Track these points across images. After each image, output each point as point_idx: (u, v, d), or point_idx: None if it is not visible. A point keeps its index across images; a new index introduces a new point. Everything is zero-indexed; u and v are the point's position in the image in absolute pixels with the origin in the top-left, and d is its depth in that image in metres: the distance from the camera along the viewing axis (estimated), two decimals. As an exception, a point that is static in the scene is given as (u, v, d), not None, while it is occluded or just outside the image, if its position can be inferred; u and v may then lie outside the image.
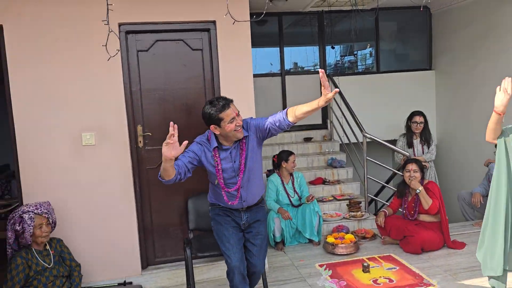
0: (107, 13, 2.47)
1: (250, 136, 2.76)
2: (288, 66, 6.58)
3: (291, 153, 4.66)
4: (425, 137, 5.27)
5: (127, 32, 3.81)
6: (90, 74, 3.63)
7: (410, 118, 5.29)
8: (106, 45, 2.56)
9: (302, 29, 6.77)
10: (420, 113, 5.25)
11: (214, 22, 3.85)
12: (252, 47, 3.97)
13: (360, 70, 6.99)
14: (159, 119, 3.97)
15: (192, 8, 3.80)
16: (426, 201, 4.22)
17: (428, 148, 5.26)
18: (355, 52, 7.13)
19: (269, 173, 5.01)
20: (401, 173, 4.58)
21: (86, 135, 3.70)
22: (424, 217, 4.32)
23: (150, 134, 3.93)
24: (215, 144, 2.72)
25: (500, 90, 2.37)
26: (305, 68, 6.78)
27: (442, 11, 6.33)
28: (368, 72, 6.81)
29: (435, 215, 4.29)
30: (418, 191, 4.24)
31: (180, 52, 3.96)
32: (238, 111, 2.68)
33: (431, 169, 5.29)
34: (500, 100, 2.37)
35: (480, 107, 5.45)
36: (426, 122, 5.25)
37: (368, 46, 6.89)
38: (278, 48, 6.45)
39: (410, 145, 5.25)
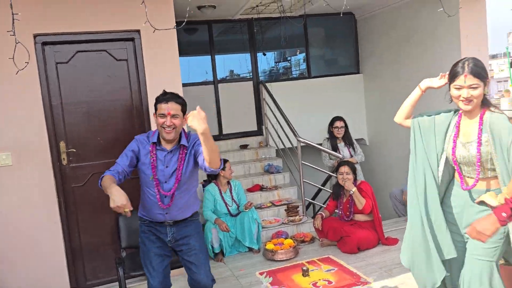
0: (13, 23, 2.28)
1: (190, 152, 2.65)
2: (220, 74, 6.54)
3: (225, 160, 4.61)
4: (348, 140, 5.46)
5: (44, 43, 3.59)
6: (1, 90, 3.36)
7: (332, 123, 5.46)
8: (13, 58, 2.36)
9: (233, 37, 6.78)
10: (340, 118, 5.45)
11: (138, 31, 3.73)
12: (184, 56, 3.88)
13: (295, 76, 7.11)
14: (84, 133, 3.76)
15: (114, 17, 3.65)
16: (360, 202, 4.34)
17: (354, 150, 5.44)
18: (289, 58, 7.25)
19: (206, 183, 4.92)
20: (335, 175, 4.68)
21: (1, 155, 3.41)
22: (359, 217, 4.44)
23: (74, 150, 3.71)
24: (154, 140, 2.64)
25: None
26: (238, 76, 6.78)
27: (366, 17, 6.61)
28: (300, 78, 6.95)
29: (369, 214, 4.42)
30: (351, 192, 4.36)
31: (104, 63, 3.79)
32: (176, 115, 2.54)
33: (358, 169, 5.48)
34: (431, 81, 2.41)
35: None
36: (346, 126, 5.45)
37: (298, 53, 7.03)
38: (210, 56, 6.39)
39: (335, 149, 5.38)
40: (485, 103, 2.25)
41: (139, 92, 3.83)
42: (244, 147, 6.18)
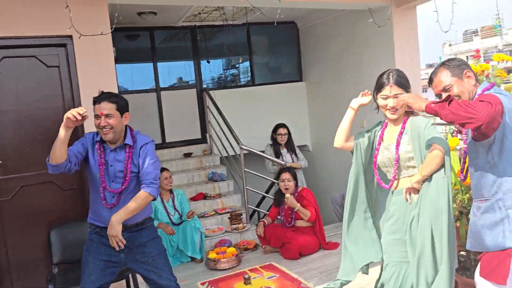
0: None
1: (138, 153, 2.61)
2: (164, 81, 6.43)
3: (162, 170, 4.52)
4: (291, 147, 5.55)
5: (-35, 48, 3.35)
6: None
7: (275, 130, 5.51)
8: None
9: (176, 44, 6.70)
10: (283, 125, 5.51)
11: (70, 36, 3.57)
12: (126, 63, 3.76)
13: (243, 83, 7.13)
14: (13, 143, 3.55)
15: (45, 22, 3.49)
16: (305, 214, 4.38)
17: (296, 156, 5.54)
18: (237, 66, 7.27)
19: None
20: (278, 182, 4.72)
21: None
22: (300, 223, 4.50)
23: (0, 162, 3.48)
24: (98, 139, 2.61)
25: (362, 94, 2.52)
26: (183, 83, 6.71)
27: (308, 26, 6.77)
28: (244, 85, 6.99)
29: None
30: (296, 209, 4.38)
31: (33, 70, 3.60)
32: (110, 114, 2.51)
33: (300, 175, 5.57)
34: (357, 102, 2.51)
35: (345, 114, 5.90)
36: (289, 133, 5.53)
37: (240, 61, 7.08)
38: (152, 64, 6.27)
39: (278, 155, 5.42)
40: (409, 111, 2.39)
41: (72, 99, 3.67)
42: (188, 155, 6.10)
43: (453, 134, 3.42)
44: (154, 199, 2.57)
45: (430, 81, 2.16)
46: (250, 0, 3.14)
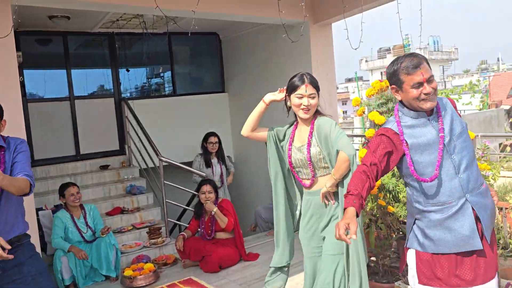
0: None
1: (12, 157, 2.35)
2: (79, 89, 6.08)
3: (68, 185, 4.25)
4: (221, 156, 5.53)
5: None
6: None
7: (206, 139, 5.47)
8: None
9: (93, 51, 6.40)
10: (214, 134, 5.49)
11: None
12: (37, 69, 3.47)
13: (166, 93, 6.96)
14: None
15: None
16: (222, 220, 4.36)
17: (226, 166, 5.52)
18: (162, 75, 7.10)
19: (56, 208, 4.47)
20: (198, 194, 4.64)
21: None
22: (221, 235, 4.46)
23: None
24: None
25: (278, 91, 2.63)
26: (98, 92, 6.40)
27: (230, 37, 6.82)
28: (166, 96, 6.84)
29: (231, 232, 4.47)
30: (213, 212, 4.36)
31: None
32: None
33: (225, 187, 5.56)
34: (270, 97, 2.63)
35: (265, 125, 5.98)
36: (220, 142, 5.51)
37: (161, 70, 6.94)
38: (65, 70, 5.91)
39: (208, 164, 5.41)
40: (317, 112, 2.54)
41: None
42: (104, 167, 5.81)
43: (364, 146, 3.61)
44: (28, 193, 2.30)
45: (415, 67, 1.94)
46: (166, 10, 3.08)
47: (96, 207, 4.51)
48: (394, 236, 3.51)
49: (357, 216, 1.84)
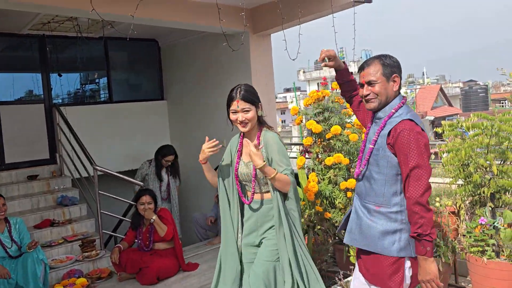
0: None
1: None
2: (4, 94, 5.68)
3: None
4: (174, 169, 5.55)
5: None
6: None
7: (163, 155, 5.38)
8: None
9: (21, 54, 6.02)
10: (173, 153, 5.44)
11: None
12: None
13: (102, 100, 6.69)
14: None
15: None
16: (162, 229, 4.26)
17: (175, 178, 5.54)
18: (97, 81, 6.81)
19: (-23, 222, 4.11)
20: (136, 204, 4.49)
21: None
22: (159, 245, 4.34)
23: None
24: None
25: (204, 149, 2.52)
26: (27, 98, 6.02)
27: (169, 45, 6.73)
28: (102, 102, 6.59)
29: (170, 242, 4.36)
30: (152, 220, 4.25)
31: None
32: None
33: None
34: (202, 157, 2.54)
35: (205, 134, 5.92)
36: (176, 157, 5.50)
37: (96, 76, 6.68)
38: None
39: (160, 177, 5.42)
40: (262, 123, 2.56)
41: None
42: (32, 177, 5.45)
43: (302, 154, 3.70)
44: None
45: (361, 68, 2.10)
46: (103, 14, 2.97)
47: (23, 220, 4.21)
48: (330, 241, 3.62)
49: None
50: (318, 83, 36.89)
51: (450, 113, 29.10)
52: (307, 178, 3.41)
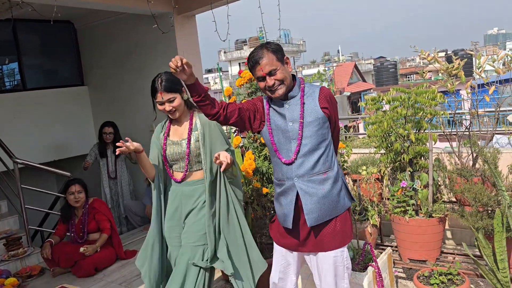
0: None
1: None
2: None
3: None
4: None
5: None
6: None
7: (101, 129, 5.38)
8: None
9: None
10: (109, 124, 5.39)
11: None
12: None
13: (8, 87, 6.16)
14: None
15: None
16: (104, 240, 4.14)
17: (126, 157, 5.42)
18: (6, 66, 6.23)
19: None
20: (64, 196, 4.29)
21: None
22: (94, 236, 4.20)
23: None
24: None
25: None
26: None
27: (86, 27, 6.35)
28: (13, 90, 6.09)
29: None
30: (97, 250, 4.06)
31: None
32: None
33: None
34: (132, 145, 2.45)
35: (131, 119, 5.79)
36: (116, 132, 5.40)
37: (6, 62, 6.15)
38: None
39: (103, 155, 5.38)
40: (191, 106, 2.60)
41: None
42: None
43: (235, 133, 3.77)
44: None
45: (255, 63, 2.07)
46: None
47: None
48: (268, 215, 3.77)
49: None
50: (239, 63, 37.03)
51: (364, 88, 30.92)
52: (242, 156, 3.50)
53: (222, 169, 2.35)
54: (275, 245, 2.33)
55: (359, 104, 3.78)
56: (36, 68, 6.44)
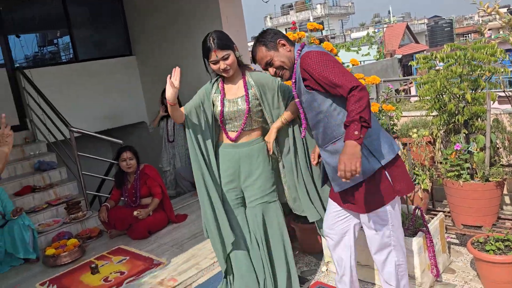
0: None
1: None
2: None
3: None
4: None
5: None
6: None
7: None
8: None
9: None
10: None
11: None
12: None
13: (64, 60, 6.41)
14: None
15: None
16: (155, 204, 4.27)
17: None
18: (56, 41, 6.48)
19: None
20: (117, 162, 4.46)
21: None
22: (146, 200, 4.37)
23: None
24: None
25: (168, 82, 2.44)
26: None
27: (131, -4, 6.42)
28: (67, 62, 6.33)
29: (158, 196, 4.39)
30: (150, 214, 4.21)
31: None
32: None
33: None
34: (169, 93, 2.45)
35: (180, 85, 5.85)
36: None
37: (58, 35, 6.37)
38: None
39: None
40: (242, 65, 2.58)
41: None
42: (5, 145, 5.29)
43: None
44: None
45: (254, 59, 2.30)
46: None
47: (3, 189, 4.14)
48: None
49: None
50: (285, 29, 36.29)
51: (417, 49, 29.40)
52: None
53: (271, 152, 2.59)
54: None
55: (409, 63, 3.54)
56: (87, 40, 6.64)
